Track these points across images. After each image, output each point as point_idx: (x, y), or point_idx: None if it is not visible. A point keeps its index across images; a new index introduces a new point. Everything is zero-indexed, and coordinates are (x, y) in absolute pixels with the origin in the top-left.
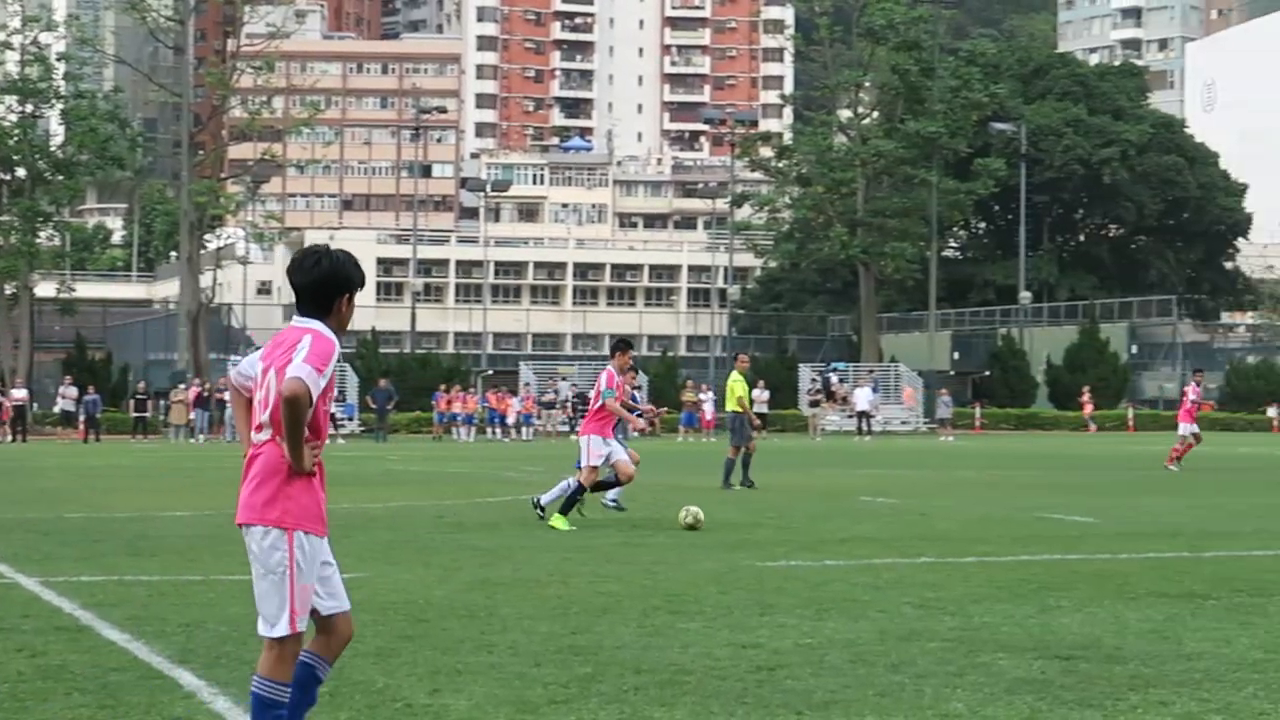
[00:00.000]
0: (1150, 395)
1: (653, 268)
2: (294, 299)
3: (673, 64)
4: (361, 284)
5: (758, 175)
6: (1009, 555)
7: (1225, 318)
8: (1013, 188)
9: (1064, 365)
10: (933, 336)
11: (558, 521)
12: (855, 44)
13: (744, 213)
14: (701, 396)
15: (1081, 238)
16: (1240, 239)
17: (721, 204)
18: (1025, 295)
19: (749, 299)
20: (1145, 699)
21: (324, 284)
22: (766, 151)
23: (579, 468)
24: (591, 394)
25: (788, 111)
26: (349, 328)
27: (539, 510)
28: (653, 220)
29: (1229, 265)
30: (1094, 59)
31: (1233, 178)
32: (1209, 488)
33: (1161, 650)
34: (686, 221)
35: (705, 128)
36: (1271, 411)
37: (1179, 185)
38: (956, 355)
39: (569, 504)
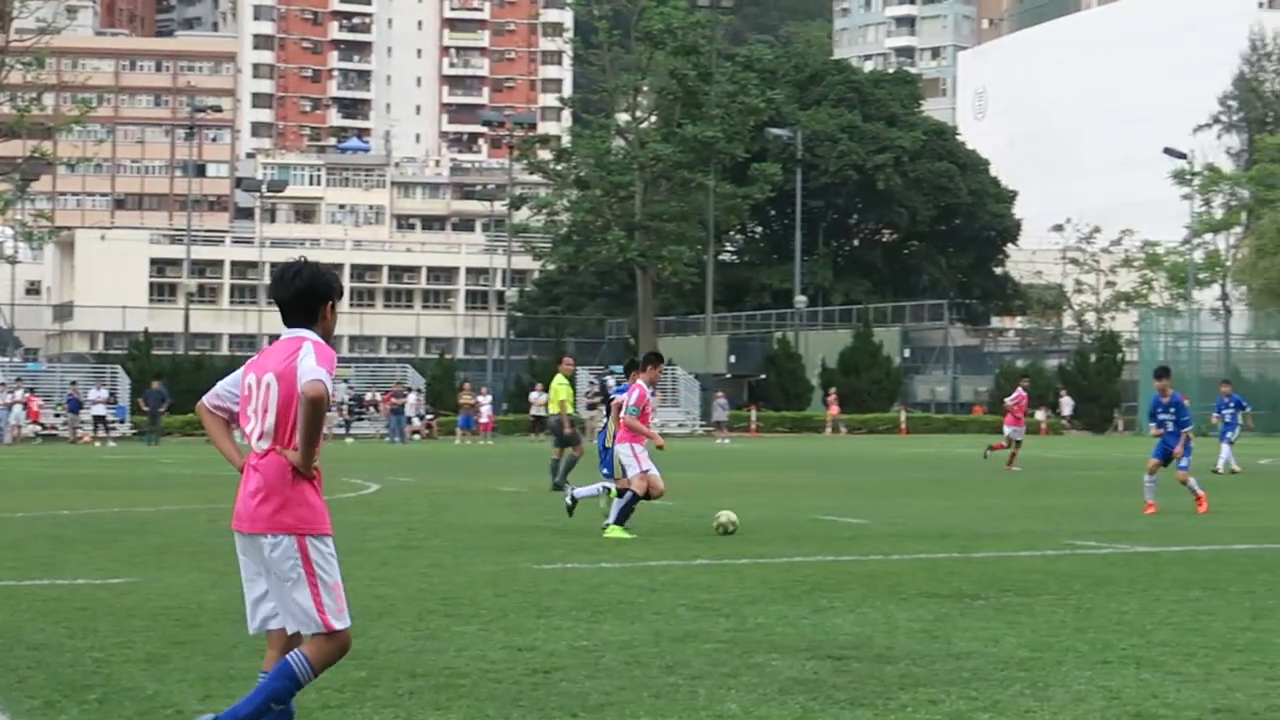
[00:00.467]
0: (923, 398)
1: (430, 270)
2: (280, 312)
3: (451, 66)
4: (340, 293)
5: (536, 178)
6: (783, 557)
7: (995, 322)
8: (788, 192)
9: (838, 369)
10: (709, 339)
11: (615, 532)
12: (634, 48)
13: (522, 215)
14: (479, 399)
15: (856, 243)
16: (1010, 245)
17: (500, 206)
18: (800, 299)
19: (527, 301)
20: (915, 698)
21: (307, 294)
22: (545, 154)
23: (620, 478)
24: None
25: (566, 114)
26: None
27: (571, 500)
28: (430, 222)
29: (999, 271)
30: (869, 66)
31: (1003, 184)
32: (978, 489)
33: (931, 649)
34: (464, 224)
35: (484, 130)
36: (1040, 414)
37: (951, 191)
38: (733, 358)
39: (624, 514)
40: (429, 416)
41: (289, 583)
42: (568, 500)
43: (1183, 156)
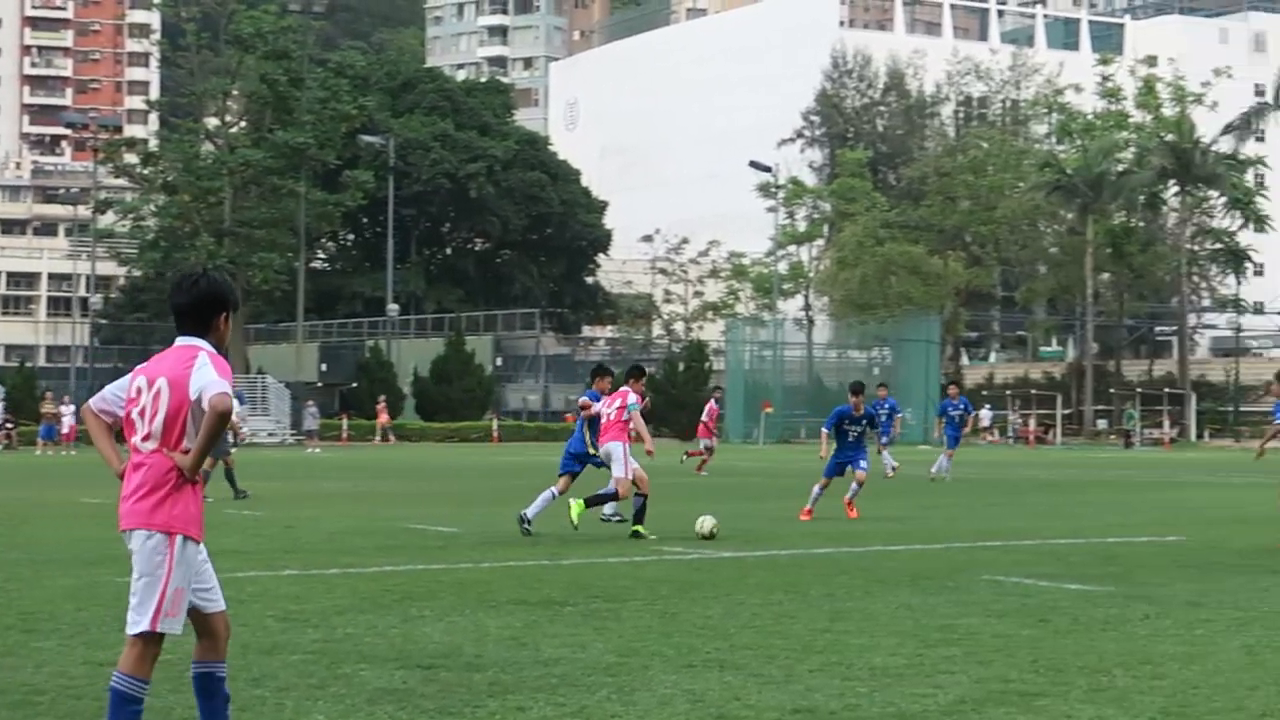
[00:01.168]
0: (515, 406)
1: (10, 275)
2: (175, 320)
3: (33, 65)
4: (237, 305)
5: (122, 182)
6: (373, 566)
7: (586, 331)
8: (381, 200)
9: (431, 377)
10: (300, 347)
11: (640, 529)
12: (223, 51)
13: (107, 220)
14: (62, 408)
15: (449, 251)
16: (600, 254)
17: (84, 210)
18: (393, 307)
19: (112, 308)
20: (503, 705)
21: (204, 303)
22: (131, 158)
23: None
24: (606, 407)
25: (153, 118)
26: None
27: (526, 526)
28: (11, 226)
29: (590, 280)
30: (461, 75)
31: (594, 195)
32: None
33: (520, 657)
34: (47, 228)
35: (67, 132)
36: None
37: (543, 201)
38: (324, 366)
39: (640, 514)
40: (9, 426)
41: (147, 578)
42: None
43: (768, 170)
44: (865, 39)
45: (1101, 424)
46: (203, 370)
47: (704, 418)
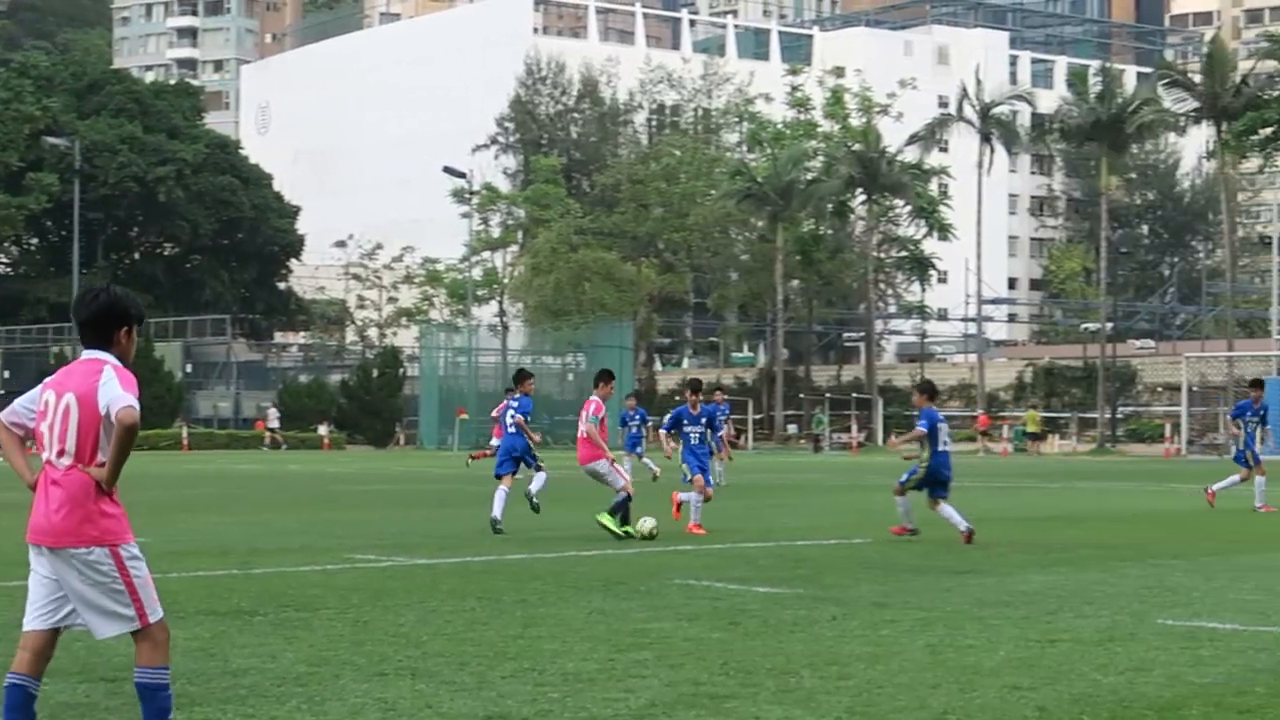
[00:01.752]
0: (205, 414)
1: None
2: (79, 333)
3: None
4: (140, 319)
5: None
6: None
7: (279, 337)
8: (66, 203)
9: None
10: None
11: (629, 526)
12: None
13: None
14: None
15: (137, 255)
16: (293, 260)
17: None
18: None
19: None
20: (190, 717)
21: (104, 317)
22: None
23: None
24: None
25: None
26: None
27: (498, 527)
28: None
29: (282, 286)
30: (150, 77)
31: (286, 199)
32: (260, 505)
33: (208, 668)
34: None
35: None
36: (322, 429)
37: (234, 205)
38: (8, 374)
39: (620, 510)
40: None
41: (105, 590)
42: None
43: (462, 176)
44: (559, 46)
45: (792, 428)
46: (108, 385)
47: (495, 413)
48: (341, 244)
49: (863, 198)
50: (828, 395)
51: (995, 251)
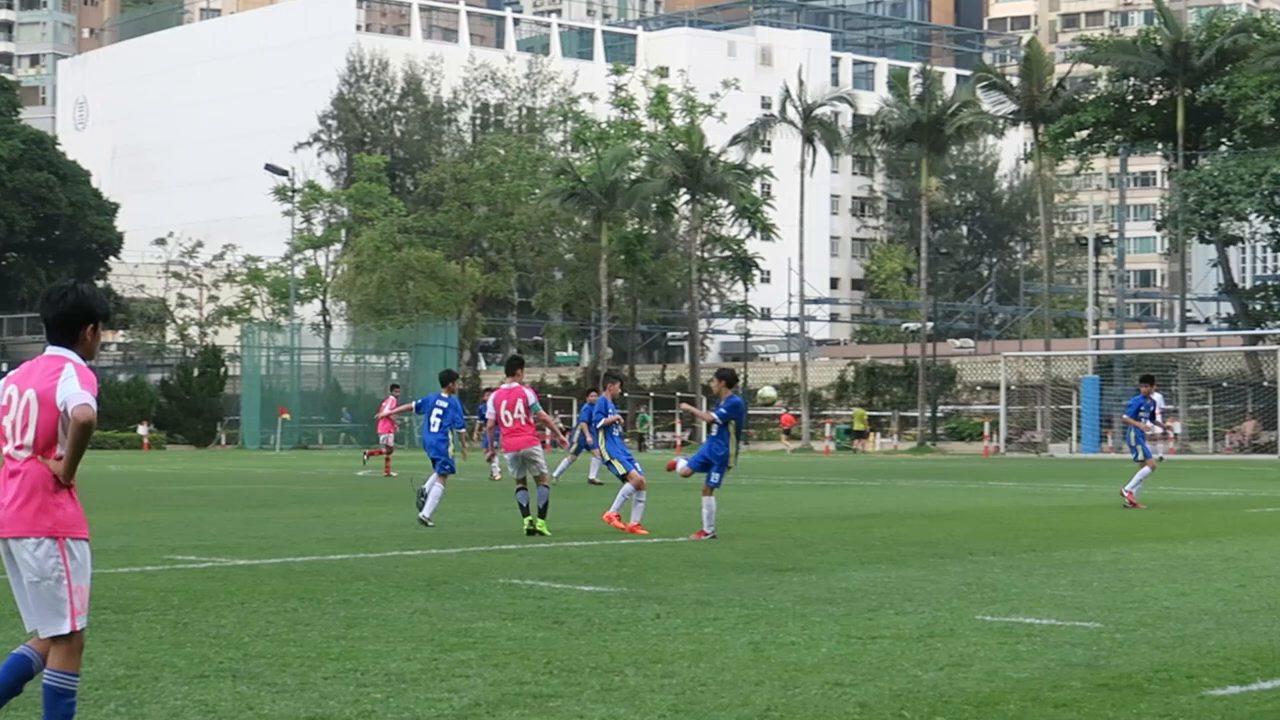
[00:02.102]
0: None
1: None
2: (45, 330)
3: None
4: (106, 316)
5: None
6: None
7: None
8: None
9: None
10: None
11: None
12: None
13: None
14: None
15: None
16: (112, 258)
17: None
18: None
19: None
20: None
21: (70, 315)
22: None
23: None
24: (508, 409)
25: None
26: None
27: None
28: None
29: (101, 284)
30: None
31: (105, 196)
32: None
33: None
34: None
35: None
36: (142, 429)
37: (50, 202)
38: None
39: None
40: None
41: (48, 583)
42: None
43: (284, 173)
44: (382, 44)
45: None
46: (67, 382)
47: (386, 412)
48: (161, 242)
49: (686, 198)
50: (652, 394)
51: (817, 252)
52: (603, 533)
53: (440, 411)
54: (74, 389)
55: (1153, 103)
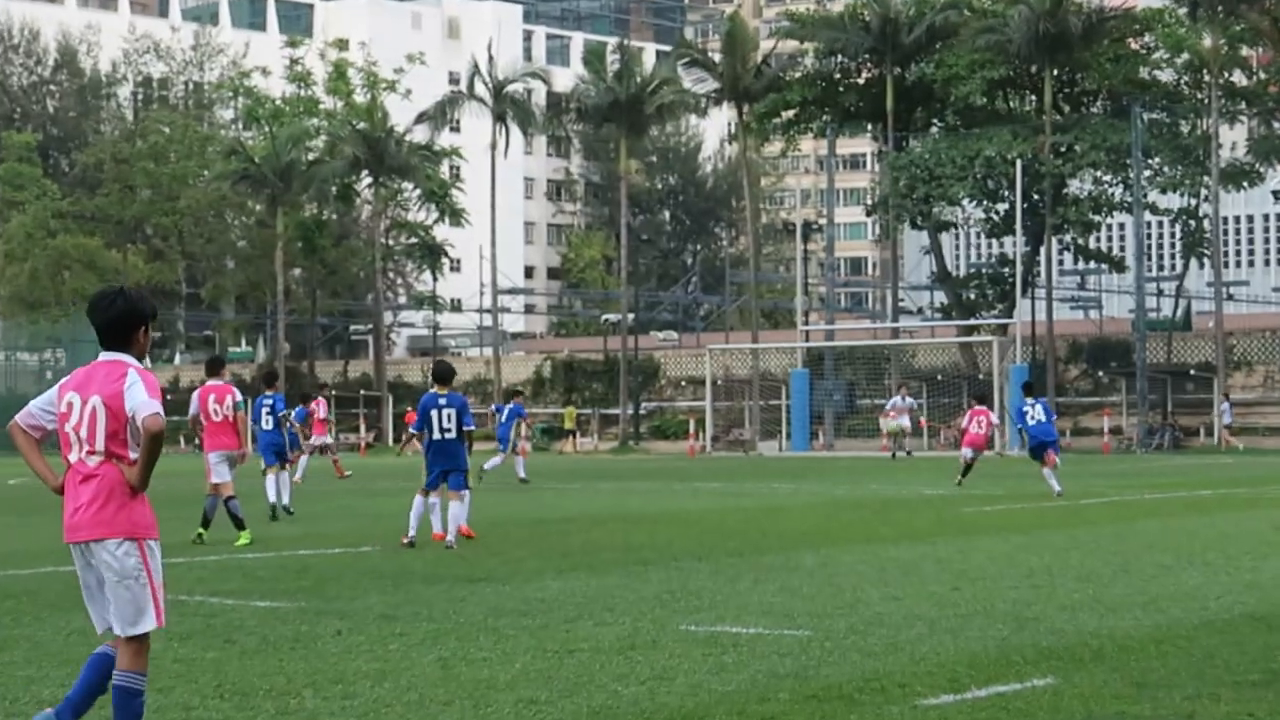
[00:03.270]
0: None
1: None
2: (97, 336)
3: None
4: (154, 315)
5: None
6: None
7: None
8: None
9: None
10: None
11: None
12: None
13: None
14: None
15: None
16: None
17: None
18: None
19: None
20: None
21: (124, 320)
22: None
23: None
24: (217, 404)
25: None
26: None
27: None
28: None
29: None
30: None
31: None
32: None
33: None
34: None
35: None
36: None
37: None
38: None
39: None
40: None
41: (130, 581)
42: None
43: None
44: (33, 11)
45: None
46: (134, 389)
47: (322, 415)
48: None
49: (369, 180)
50: (334, 393)
51: (511, 239)
52: (280, 541)
53: (268, 408)
54: (142, 397)
55: (861, 81)
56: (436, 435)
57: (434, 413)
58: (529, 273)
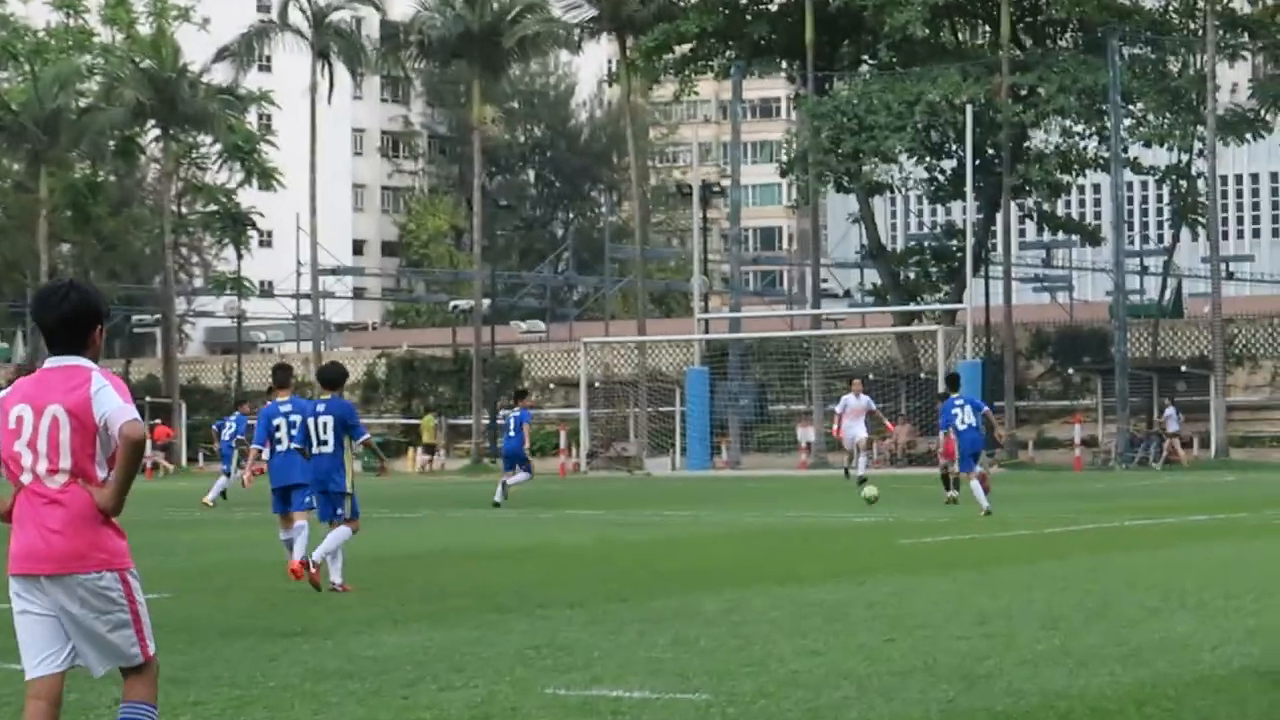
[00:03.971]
0: None
1: None
2: (45, 337)
3: None
4: (108, 313)
5: None
6: None
7: None
8: None
9: None
10: None
11: None
12: None
13: None
14: None
15: None
16: None
17: None
18: None
19: None
20: None
21: (78, 317)
22: None
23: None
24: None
25: None
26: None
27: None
28: None
29: None
30: None
31: None
32: None
33: None
34: None
35: None
36: None
37: None
38: None
39: None
40: None
41: (111, 620)
42: None
43: None
44: None
45: None
46: (103, 394)
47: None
48: None
49: (156, 133)
50: None
51: (336, 206)
52: None
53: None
54: (115, 403)
55: (774, 8)
56: (315, 449)
57: (311, 421)
58: (358, 248)
